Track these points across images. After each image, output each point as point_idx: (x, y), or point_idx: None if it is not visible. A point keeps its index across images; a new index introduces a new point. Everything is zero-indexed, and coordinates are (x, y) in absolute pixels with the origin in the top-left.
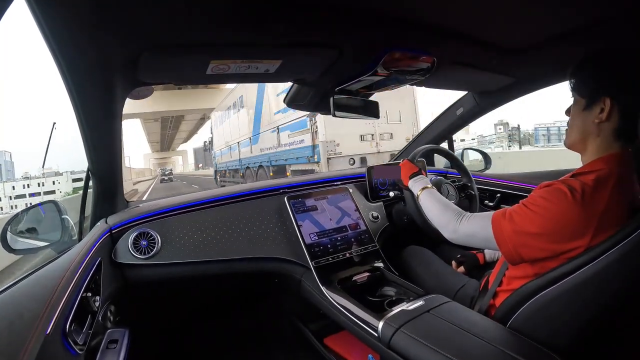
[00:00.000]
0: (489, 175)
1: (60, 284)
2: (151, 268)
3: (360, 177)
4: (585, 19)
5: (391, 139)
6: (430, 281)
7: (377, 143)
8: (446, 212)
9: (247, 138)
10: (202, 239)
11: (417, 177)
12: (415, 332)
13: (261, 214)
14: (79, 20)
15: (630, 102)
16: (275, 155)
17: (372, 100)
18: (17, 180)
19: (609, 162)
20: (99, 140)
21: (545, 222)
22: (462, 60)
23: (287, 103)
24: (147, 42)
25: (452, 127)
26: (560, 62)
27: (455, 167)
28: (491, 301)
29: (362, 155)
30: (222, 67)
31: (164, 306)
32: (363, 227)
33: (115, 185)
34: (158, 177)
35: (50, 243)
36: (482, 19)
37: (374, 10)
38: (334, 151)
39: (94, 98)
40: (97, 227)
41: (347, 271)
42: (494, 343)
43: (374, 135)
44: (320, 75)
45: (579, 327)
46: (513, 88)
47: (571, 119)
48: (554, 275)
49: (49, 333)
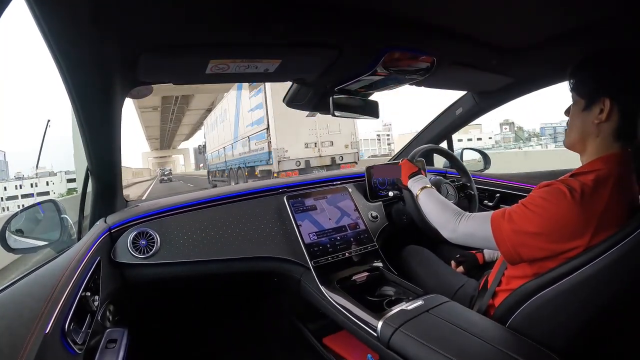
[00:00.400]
0: (488, 175)
1: (60, 283)
2: (150, 267)
3: (360, 177)
4: (584, 19)
5: (331, 146)
6: (430, 281)
7: (319, 149)
8: (445, 212)
9: (229, 144)
10: (201, 239)
11: (416, 177)
12: (414, 331)
13: (260, 214)
14: (78, 21)
15: (629, 103)
16: (247, 158)
17: (371, 100)
18: (10, 180)
19: (609, 162)
20: (98, 140)
21: (544, 222)
22: (461, 60)
23: (287, 103)
24: (147, 42)
25: (451, 127)
26: (559, 62)
27: (455, 167)
28: (490, 301)
29: (306, 158)
30: (221, 66)
31: (163, 306)
32: (362, 226)
33: (115, 185)
34: (158, 177)
35: (49, 242)
36: (481, 19)
37: (374, 10)
38: (284, 156)
39: (93, 98)
40: (96, 226)
41: (347, 271)
42: (493, 343)
43: (317, 143)
44: (320, 74)
45: (577, 327)
46: (512, 88)
47: (571, 119)
48: (553, 275)
49: (48, 332)
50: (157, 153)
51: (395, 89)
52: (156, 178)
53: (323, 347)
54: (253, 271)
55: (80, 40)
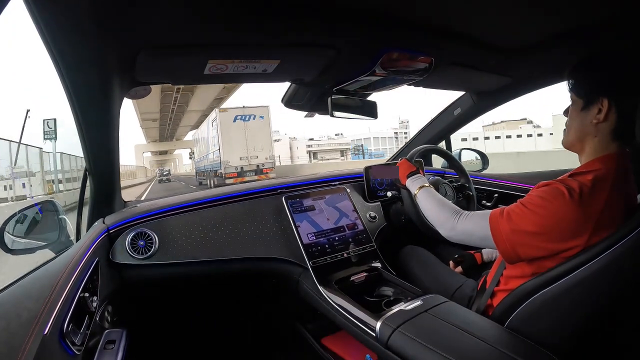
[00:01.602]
0: (487, 176)
1: (58, 284)
2: (149, 268)
3: (358, 177)
4: (583, 20)
5: (257, 158)
6: (428, 281)
7: (249, 161)
8: (443, 210)
9: (205, 155)
10: (199, 239)
11: (414, 176)
12: (413, 332)
13: (259, 214)
14: (76, 21)
15: (627, 103)
16: (212, 166)
17: (369, 101)
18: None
19: (607, 162)
20: (96, 140)
21: (542, 221)
22: (460, 61)
23: (285, 103)
24: (145, 43)
25: (449, 128)
26: (558, 62)
27: (453, 167)
28: (489, 301)
29: (241, 166)
30: (220, 66)
31: (161, 306)
32: (361, 227)
33: (113, 185)
34: (157, 178)
35: (47, 243)
36: (480, 19)
37: (372, 11)
38: (228, 165)
39: (91, 98)
40: (95, 227)
41: (345, 271)
42: (492, 343)
43: (247, 157)
44: (318, 75)
45: (576, 327)
46: (511, 88)
47: (569, 120)
48: (552, 275)
49: (47, 333)
50: (155, 146)
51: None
52: (155, 178)
53: (321, 348)
54: (251, 271)
55: (78, 41)
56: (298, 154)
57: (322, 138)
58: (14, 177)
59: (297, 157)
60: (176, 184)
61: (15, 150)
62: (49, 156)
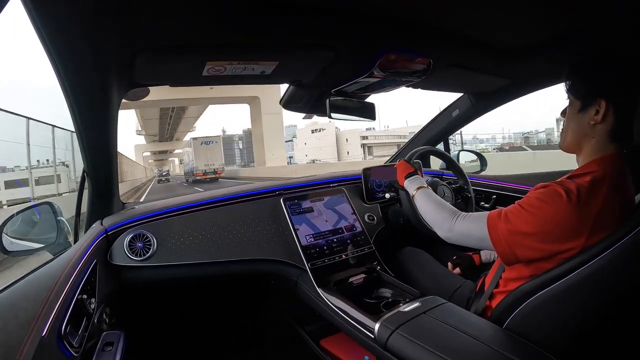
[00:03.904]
0: (485, 177)
1: (56, 286)
2: (147, 270)
3: (357, 179)
4: (581, 21)
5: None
6: (427, 282)
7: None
8: (441, 211)
9: (187, 163)
10: (198, 241)
11: (412, 177)
12: (411, 333)
13: (257, 216)
14: (74, 22)
15: (625, 104)
16: (191, 169)
17: (368, 102)
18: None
19: (604, 163)
20: (94, 141)
21: (540, 223)
22: (458, 62)
23: (283, 105)
24: (143, 44)
25: (448, 129)
26: (556, 64)
27: (451, 168)
28: (487, 302)
29: (205, 170)
30: (218, 68)
31: (160, 308)
32: (359, 228)
33: (111, 187)
34: (156, 178)
35: (45, 245)
36: (478, 21)
37: (370, 12)
38: (197, 169)
39: (89, 99)
40: (93, 228)
41: (343, 273)
42: (490, 344)
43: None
44: (317, 76)
45: (574, 328)
46: (509, 90)
47: (566, 121)
48: (550, 277)
49: (45, 335)
50: (155, 146)
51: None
52: (154, 179)
53: (320, 349)
54: (250, 273)
55: (76, 42)
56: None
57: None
58: None
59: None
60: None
61: None
62: None
